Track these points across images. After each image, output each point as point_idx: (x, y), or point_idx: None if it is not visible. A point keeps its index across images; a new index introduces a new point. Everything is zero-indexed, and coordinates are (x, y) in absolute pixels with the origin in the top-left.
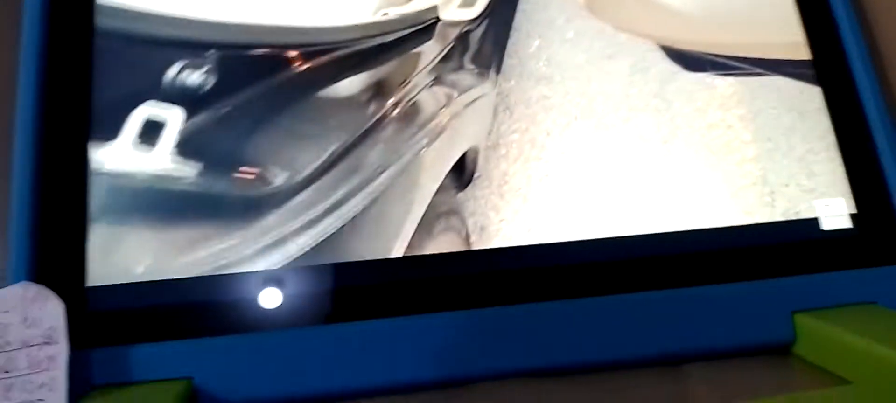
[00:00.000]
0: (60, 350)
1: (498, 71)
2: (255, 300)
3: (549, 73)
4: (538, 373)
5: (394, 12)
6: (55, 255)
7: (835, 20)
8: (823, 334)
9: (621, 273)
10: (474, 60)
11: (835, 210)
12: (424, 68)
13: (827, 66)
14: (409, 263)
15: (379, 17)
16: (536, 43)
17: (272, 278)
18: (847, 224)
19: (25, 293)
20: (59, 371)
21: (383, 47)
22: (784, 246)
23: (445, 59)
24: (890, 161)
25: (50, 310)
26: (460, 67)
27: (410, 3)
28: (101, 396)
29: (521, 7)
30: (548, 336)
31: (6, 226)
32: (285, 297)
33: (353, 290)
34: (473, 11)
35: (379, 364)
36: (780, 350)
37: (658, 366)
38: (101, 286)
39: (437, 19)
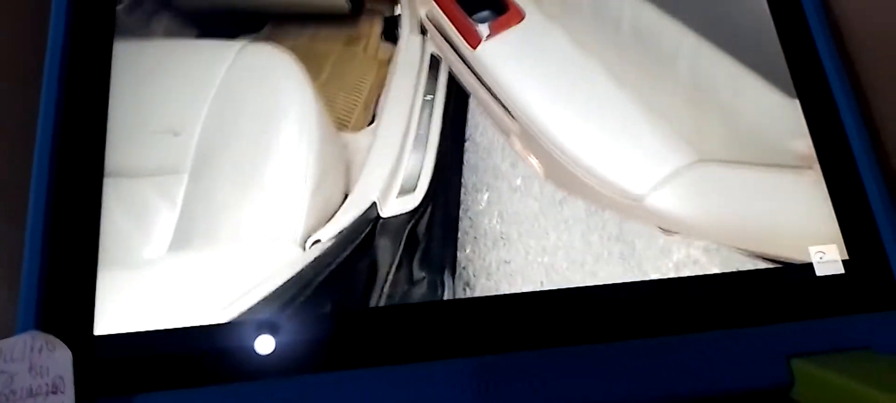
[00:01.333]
0: (67, 399)
1: (453, 272)
2: (260, 348)
3: (505, 231)
4: None
5: (327, 234)
6: (64, 304)
7: (822, 65)
8: (820, 379)
9: (622, 320)
10: (423, 264)
11: (828, 257)
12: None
13: (816, 111)
14: (409, 311)
15: (310, 252)
16: (486, 196)
17: (278, 326)
18: (840, 270)
19: (33, 342)
20: None
21: (323, 287)
22: (781, 293)
23: (397, 271)
24: (880, 207)
25: (57, 359)
26: (410, 282)
27: (340, 213)
28: None
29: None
30: (545, 382)
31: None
32: (285, 346)
33: (355, 338)
34: (415, 197)
35: None
36: (779, 394)
37: None
38: (109, 334)
39: (379, 218)
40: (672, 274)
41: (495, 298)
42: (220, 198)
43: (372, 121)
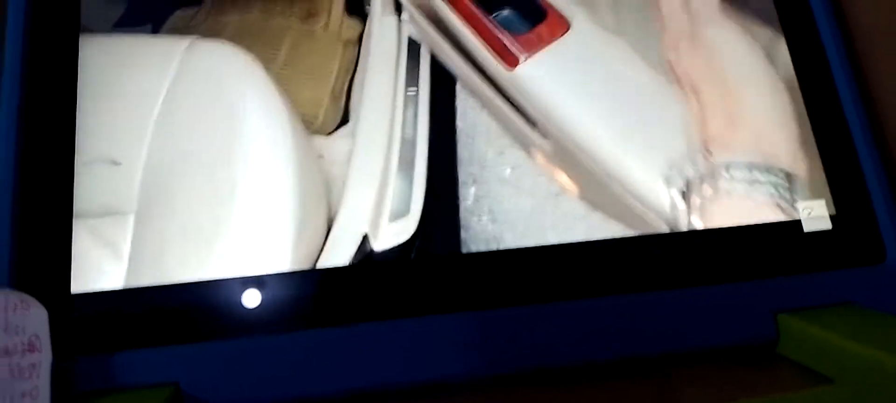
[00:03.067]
0: (44, 358)
1: None
2: (241, 305)
3: (497, 233)
4: (522, 375)
5: None
6: (39, 261)
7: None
8: (805, 334)
9: (608, 276)
10: None
11: (816, 212)
12: None
13: (807, 68)
14: (391, 268)
15: None
16: (472, 190)
17: (260, 283)
18: (827, 225)
19: (7, 301)
20: (42, 380)
21: None
22: (767, 249)
23: None
24: (869, 162)
25: (33, 318)
26: None
27: (327, 252)
28: None
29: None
30: (531, 338)
31: None
32: (271, 302)
33: (337, 295)
34: (411, 221)
35: (362, 367)
36: (764, 349)
37: (646, 367)
38: (87, 292)
39: (372, 254)
40: None
41: (489, 255)
42: (177, 247)
43: (344, 118)
